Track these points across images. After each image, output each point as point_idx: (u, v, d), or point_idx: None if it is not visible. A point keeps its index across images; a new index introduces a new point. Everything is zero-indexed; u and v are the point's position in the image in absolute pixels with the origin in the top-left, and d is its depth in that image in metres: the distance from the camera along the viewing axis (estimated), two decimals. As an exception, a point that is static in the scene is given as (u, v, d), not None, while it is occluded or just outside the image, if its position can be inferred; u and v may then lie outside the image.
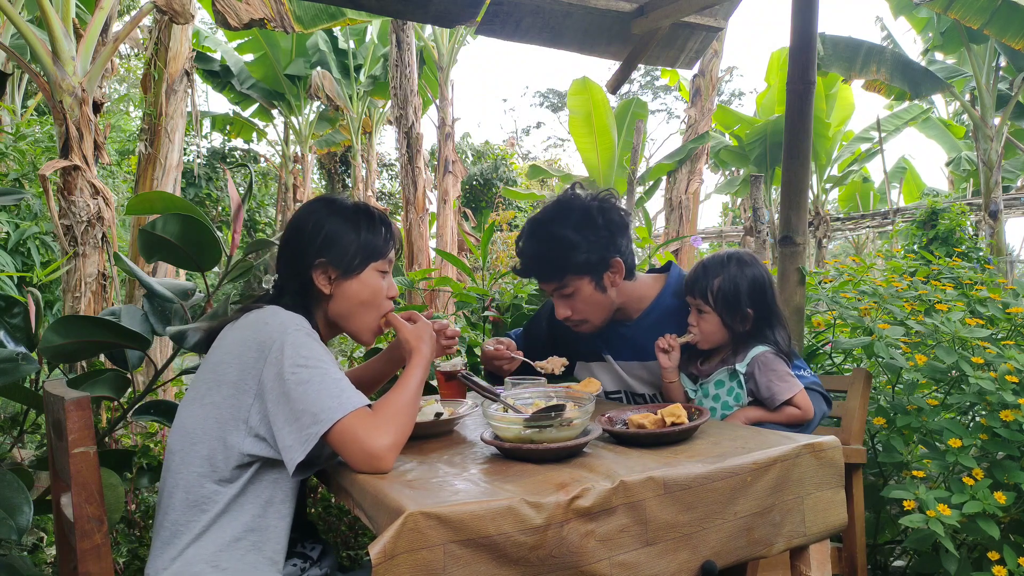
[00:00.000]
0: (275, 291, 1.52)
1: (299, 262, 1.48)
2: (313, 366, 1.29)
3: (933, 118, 13.11)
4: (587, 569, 1.13)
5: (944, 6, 7.77)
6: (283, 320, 1.36)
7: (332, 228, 1.48)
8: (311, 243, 1.47)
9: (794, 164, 2.66)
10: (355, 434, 1.24)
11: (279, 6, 4.39)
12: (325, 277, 1.48)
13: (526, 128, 30.55)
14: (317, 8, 5.74)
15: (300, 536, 1.46)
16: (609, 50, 3.27)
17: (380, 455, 1.23)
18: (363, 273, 1.50)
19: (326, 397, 1.26)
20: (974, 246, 8.12)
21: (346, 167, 16.68)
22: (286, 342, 1.30)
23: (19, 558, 2.08)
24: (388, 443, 1.25)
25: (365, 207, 1.55)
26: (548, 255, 1.86)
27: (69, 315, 3.32)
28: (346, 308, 1.50)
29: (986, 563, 1.84)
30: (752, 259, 1.85)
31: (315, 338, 1.36)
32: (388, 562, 0.99)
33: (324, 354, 1.33)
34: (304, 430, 1.24)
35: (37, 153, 6.17)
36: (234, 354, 1.35)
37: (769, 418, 1.72)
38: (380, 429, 1.26)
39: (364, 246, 1.49)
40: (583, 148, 12.00)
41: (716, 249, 15.05)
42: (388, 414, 1.30)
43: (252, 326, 1.37)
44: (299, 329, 1.34)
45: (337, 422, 1.24)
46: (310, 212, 1.53)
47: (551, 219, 1.89)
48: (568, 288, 1.88)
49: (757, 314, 1.80)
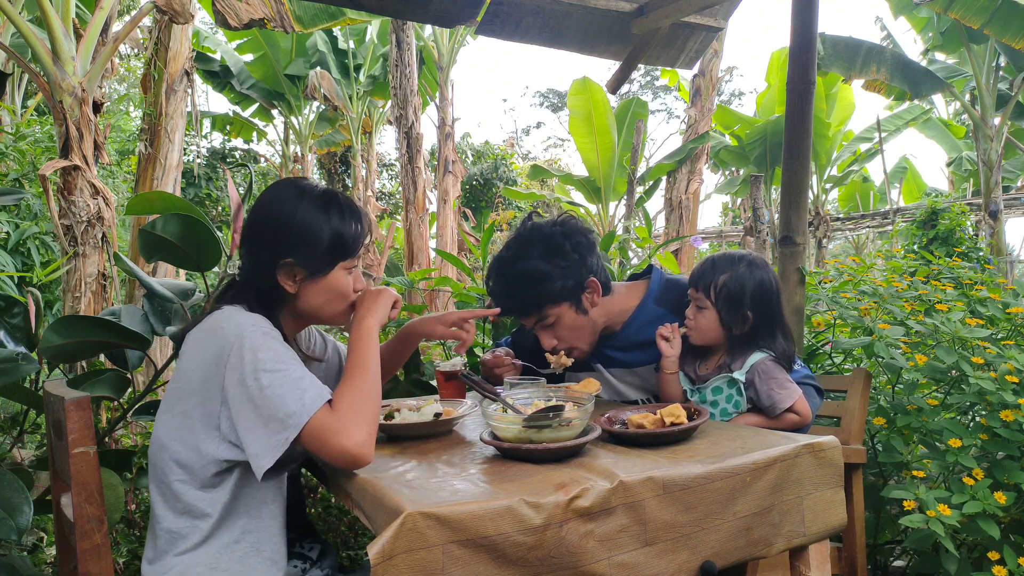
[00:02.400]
0: (240, 282, 1.47)
1: (265, 259, 1.41)
2: (272, 369, 1.24)
3: (933, 118, 13.10)
4: (586, 569, 1.13)
5: (944, 6, 7.77)
6: (239, 322, 1.31)
7: (301, 221, 1.40)
8: (278, 239, 1.40)
9: (794, 164, 2.66)
10: (324, 435, 1.20)
11: (279, 6, 4.39)
12: (291, 277, 1.41)
13: (526, 128, 30.57)
14: (317, 8, 5.74)
15: (299, 536, 1.46)
16: (609, 50, 3.27)
17: (356, 453, 1.20)
18: (330, 273, 1.44)
19: (289, 401, 1.22)
20: (974, 246, 8.12)
21: (346, 167, 16.68)
22: (244, 346, 1.26)
23: (19, 558, 2.08)
24: (360, 439, 1.21)
25: (335, 198, 1.46)
26: (520, 291, 1.82)
27: (69, 315, 3.32)
28: (313, 306, 1.45)
29: (986, 563, 1.84)
30: (764, 263, 1.83)
31: (274, 336, 1.32)
32: (387, 562, 0.99)
33: (283, 353, 1.29)
34: (271, 436, 1.21)
35: (37, 153, 6.17)
36: (196, 360, 1.32)
37: (770, 425, 1.71)
38: (348, 424, 1.21)
39: (333, 246, 1.42)
40: (583, 148, 11.99)
41: (716, 249, 15.05)
42: (352, 406, 1.25)
43: (210, 331, 1.33)
44: (255, 330, 1.30)
45: (304, 426, 1.21)
46: (279, 202, 1.43)
47: (516, 256, 1.85)
48: (549, 319, 1.85)
49: (757, 319, 1.77)
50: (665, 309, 1.93)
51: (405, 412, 1.61)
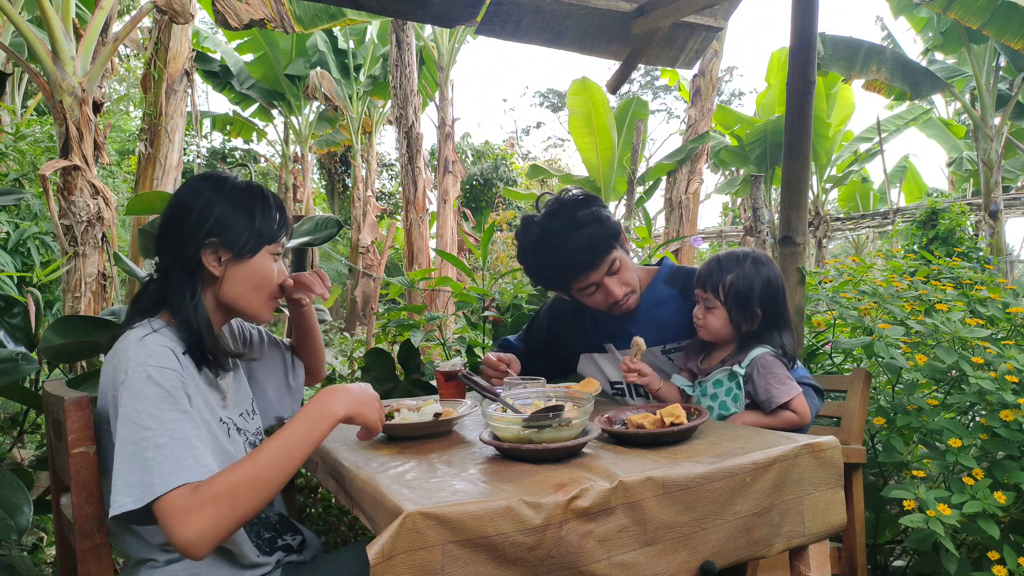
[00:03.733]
0: (159, 277, 1.41)
1: (185, 246, 1.36)
2: (144, 425, 1.15)
3: (934, 118, 13.10)
4: (586, 569, 1.13)
5: (944, 6, 7.77)
6: (127, 360, 1.22)
7: (223, 212, 1.37)
8: (203, 219, 1.36)
9: (794, 164, 2.66)
10: (163, 520, 1.11)
11: (279, 6, 4.39)
12: (215, 258, 1.37)
13: (526, 128, 30.58)
14: (317, 8, 5.74)
15: (278, 532, 1.45)
16: (609, 50, 3.27)
17: (185, 549, 1.09)
18: (255, 257, 1.40)
19: (145, 470, 1.12)
20: (974, 246, 8.12)
21: (346, 167, 16.69)
22: (124, 388, 1.19)
23: (19, 558, 2.08)
24: (191, 536, 1.08)
25: (259, 189, 1.44)
26: (596, 233, 1.90)
27: (69, 315, 3.32)
28: (238, 291, 1.40)
29: (986, 563, 1.83)
30: (768, 260, 1.85)
31: (160, 380, 1.20)
32: (386, 562, 0.99)
33: (161, 404, 1.18)
34: (122, 495, 1.12)
35: (37, 153, 6.17)
36: (102, 395, 1.27)
37: (766, 423, 1.71)
38: (189, 516, 1.10)
39: (259, 228, 1.40)
40: (583, 148, 12.00)
41: (716, 249, 15.06)
42: (213, 491, 1.12)
43: (107, 364, 1.27)
44: (138, 374, 1.19)
45: (151, 502, 1.11)
46: (196, 193, 1.39)
47: (568, 211, 1.93)
48: (616, 263, 1.94)
49: (765, 316, 1.79)
50: (674, 290, 2.03)
51: (405, 412, 1.61)
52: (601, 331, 2.08)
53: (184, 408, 1.22)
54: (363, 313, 12.13)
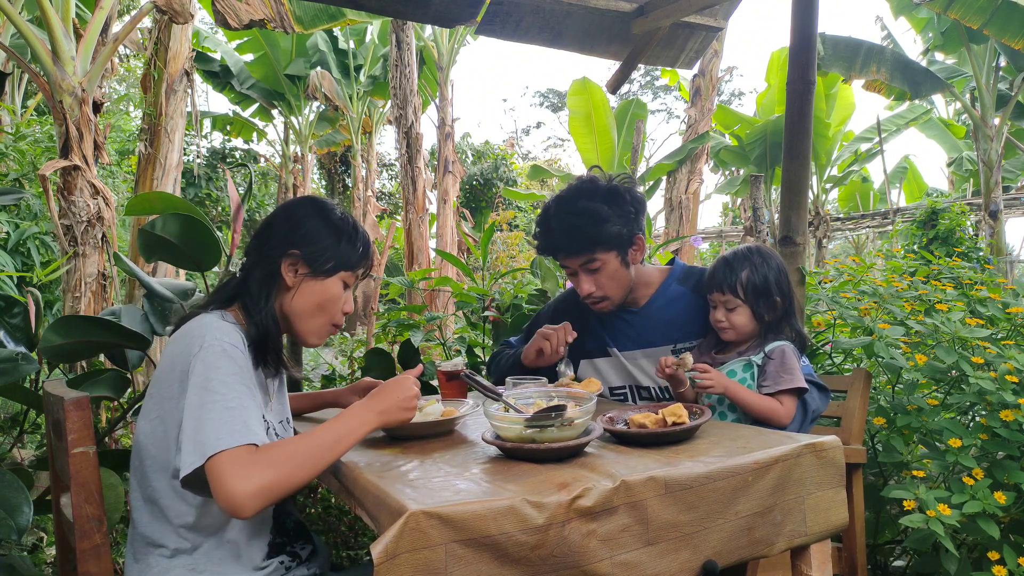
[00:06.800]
0: (241, 275, 1.49)
1: (273, 247, 1.45)
2: (214, 389, 1.22)
3: (934, 118, 13.10)
4: (588, 569, 1.13)
5: (944, 6, 7.77)
6: (203, 335, 1.29)
7: (314, 227, 1.46)
8: (292, 231, 1.45)
9: (794, 164, 2.66)
10: (221, 474, 1.14)
11: (279, 6, 4.39)
12: (293, 270, 1.44)
13: (526, 128, 30.61)
14: (317, 8, 5.74)
15: (290, 539, 1.45)
16: (609, 50, 3.27)
17: (237, 502, 1.12)
18: (330, 278, 1.47)
19: (211, 428, 1.18)
20: (974, 246, 8.12)
21: (346, 167, 16.68)
22: (198, 358, 1.25)
23: (19, 558, 2.08)
24: (249, 489, 1.12)
25: (353, 222, 1.53)
26: (581, 227, 1.87)
27: (69, 315, 3.32)
28: (302, 306, 1.46)
29: (986, 563, 1.84)
30: (770, 251, 1.89)
31: (232, 356, 1.28)
32: (390, 562, 0.99)
33: (232, 375, 1.26)
34: (189, 455, 1.18)
35: (37, 153, 6.17)
36: (168, 368, 1.31)
37: (745, 398, 1.70)
38: (250, 471, 1.14)
39: (341, 253, 1.48)
40: (583, 148, 11.99)
41: (717, 249, 15.05)
42: (272, 457, 1.18)
43: (180, 339, 1.33)
44: (214, 346, 1.27)
45: (211, 457, 1.15)
46: (299, 206, 1.51)
47: (580, 194, 1.91)
48: (596, 263, 1.90)
49: (784, 302, 1.82)
50: (686, 288, 2.02)
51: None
52: (604, 330, 2.06)
53: (250, 385, 1.29)
54: (363, 313, 12.13)
